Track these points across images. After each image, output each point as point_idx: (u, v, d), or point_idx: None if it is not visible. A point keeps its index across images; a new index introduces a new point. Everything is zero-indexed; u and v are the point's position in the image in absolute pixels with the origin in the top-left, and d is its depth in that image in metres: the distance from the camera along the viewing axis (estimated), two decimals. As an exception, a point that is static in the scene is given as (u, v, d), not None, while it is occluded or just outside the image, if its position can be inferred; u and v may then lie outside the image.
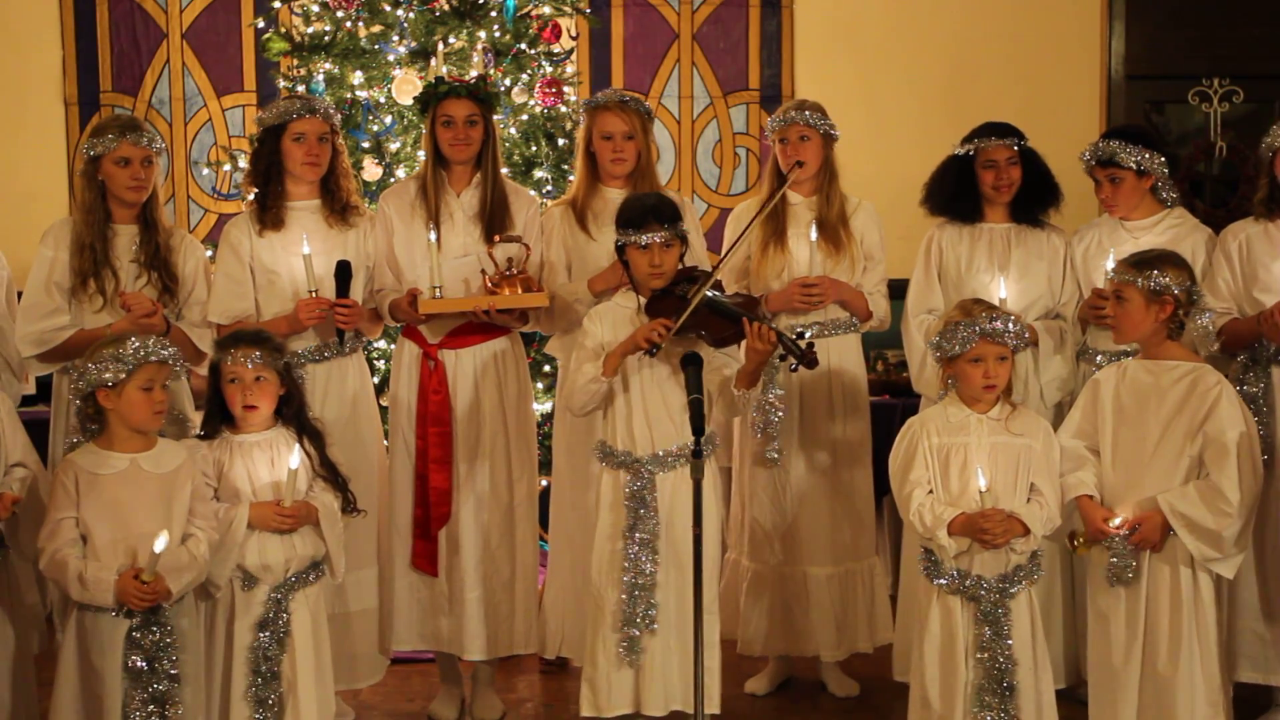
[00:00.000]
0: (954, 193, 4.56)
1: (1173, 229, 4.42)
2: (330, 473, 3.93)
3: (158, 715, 3.59)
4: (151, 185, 4.32)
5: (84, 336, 4.20)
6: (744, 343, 3.88)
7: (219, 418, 3.87)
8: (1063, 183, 4.58)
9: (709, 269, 4.10)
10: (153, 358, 3.64)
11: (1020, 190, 4.53)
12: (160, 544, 3.52)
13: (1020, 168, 4.51)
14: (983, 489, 3.64)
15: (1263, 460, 4.13)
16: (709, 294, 3.90)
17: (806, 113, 4.59)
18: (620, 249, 4.04)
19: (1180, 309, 3.78)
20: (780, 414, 4.55)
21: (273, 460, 3.83)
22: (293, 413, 3.91)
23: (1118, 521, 3.74)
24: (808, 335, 3.99)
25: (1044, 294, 4.51)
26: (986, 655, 3.68)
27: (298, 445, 3.84)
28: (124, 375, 3.61)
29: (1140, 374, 3.84)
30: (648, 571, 3.93)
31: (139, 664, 3.57)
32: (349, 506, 3.95)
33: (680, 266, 4.02)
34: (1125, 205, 4.43)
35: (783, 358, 3.84)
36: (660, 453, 3.97)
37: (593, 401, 4.01)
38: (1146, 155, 4.36)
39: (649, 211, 3.98)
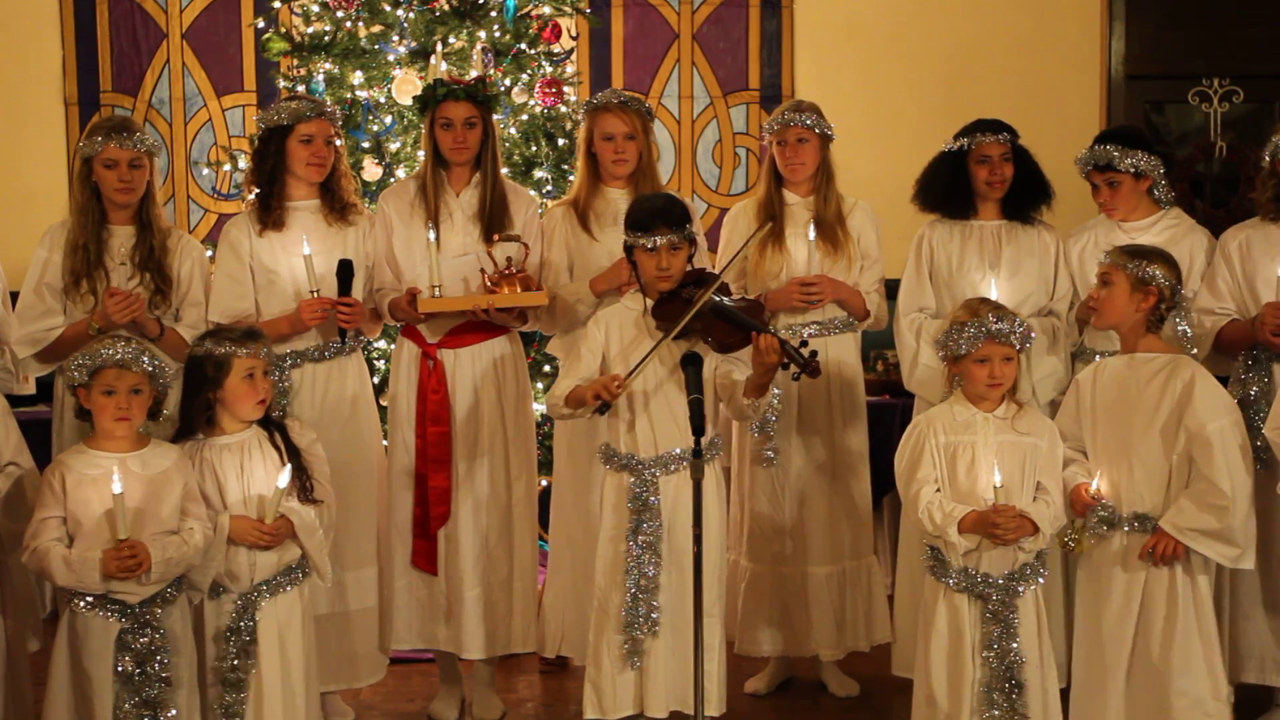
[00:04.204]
0: (947, 189, 4.55)
1: (1169, 229, 4.42)
2: (294, 460, 3.81)
3: (150, 719, 3.56)
4: (141, 187, 4.30)
5: (70, 332, 4.20)
6: (750, 352, 3.85)
7: (203, 418, 3.78)
8: (1062, 182, 4.57)
9: (716, 273, 4.06)
10: (110, 363, 3.59)
11: (1011, 187, 4.53)
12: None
13: (1013, 164, 4.51)
14: (998, 484, 3.63)
15: (1263, 459, 4.13)
16: (715, 299, 3.88)
17: (804, 115, 4.59)
18: (628, 250, 4.02)
19: (1163, 303, 3.78)
20: (777, 414, 4.55)
21: (241, 466, 3.75)
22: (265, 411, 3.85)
23: (1095, 484, 3.75)
24: (810, 343, 3.98)
25: (1036, 291, 4.50)
26: (994, 653, 3.67)
27: (289, 465, 3.75)
28: (86, 378, 3.61)
29: (1119, 368, 3.84)
30: (650, 574, 3.92)
31: (129, 667, 3.55)
32: (306, 493, 3.82)
33: (689, 268, 4.00)
34: (1124, 208, 4.43)
35: (785, 365, 3.81)
36: (663, 455, 3.95)
37: (565, 418, 4.05)
38: (1142, 158, 4.36)
39: (656, 214, 3.94)
